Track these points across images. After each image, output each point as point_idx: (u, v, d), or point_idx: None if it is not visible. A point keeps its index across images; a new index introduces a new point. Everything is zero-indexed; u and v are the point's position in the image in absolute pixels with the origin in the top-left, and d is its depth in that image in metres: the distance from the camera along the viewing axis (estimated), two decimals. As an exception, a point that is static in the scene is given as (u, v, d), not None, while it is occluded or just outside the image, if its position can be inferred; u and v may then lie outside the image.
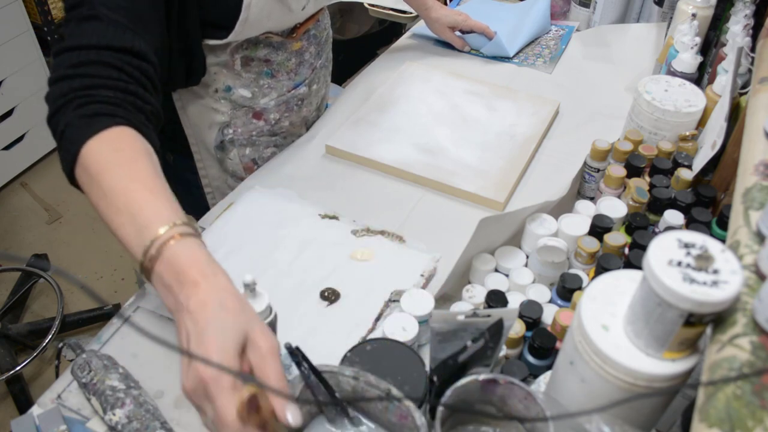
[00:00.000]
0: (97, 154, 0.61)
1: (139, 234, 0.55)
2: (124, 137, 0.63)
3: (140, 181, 0.59)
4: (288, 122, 1.07)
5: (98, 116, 0.63)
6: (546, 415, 0.49)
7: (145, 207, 0.57)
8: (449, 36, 1.30)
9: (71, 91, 0.64)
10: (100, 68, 0.65)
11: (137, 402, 0.64)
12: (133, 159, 0.61)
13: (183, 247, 0.54)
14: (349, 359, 0.60)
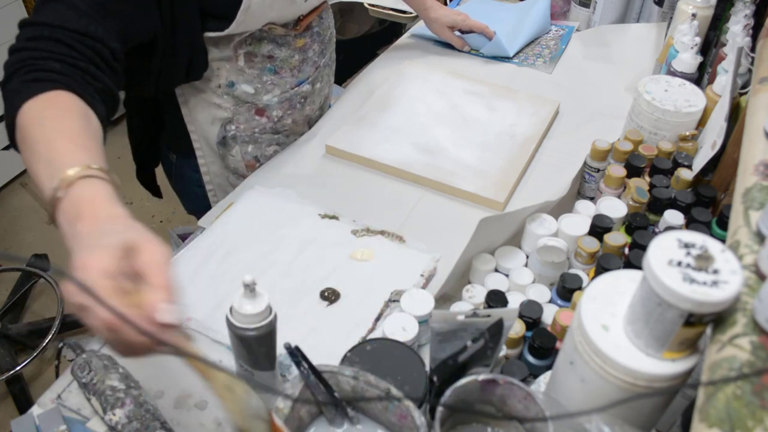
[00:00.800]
0: (30, 112, 0.62)
1: (51, 176, 0.55)
2: (60, 98, 0.64)
3: (64, 132, 0.60)
4: (291, 120, 1.07)
5: (39, 81, 0.65)
6: (545, 415, 0.49)
7: (62, 153, 0.58)
8: (448, 36, 1.30)
9: (20, 61, 0.66)
10: (51, 43, 0.68)
11: (137, 402, 0.64)
12: (62, 115, 0.62)
13: (88, 185, 0.55)
14: (349, 359, 0.60)
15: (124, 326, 0.46)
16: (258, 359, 0.60)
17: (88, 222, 0.52)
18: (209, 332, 0.76)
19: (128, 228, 0.51)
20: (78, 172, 0.55)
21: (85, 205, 0.53)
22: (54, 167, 0.56)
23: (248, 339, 0.57)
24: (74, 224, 0.53)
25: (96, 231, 0.51)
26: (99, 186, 0.55)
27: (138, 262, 0.49)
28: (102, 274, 0.47)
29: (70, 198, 0.54)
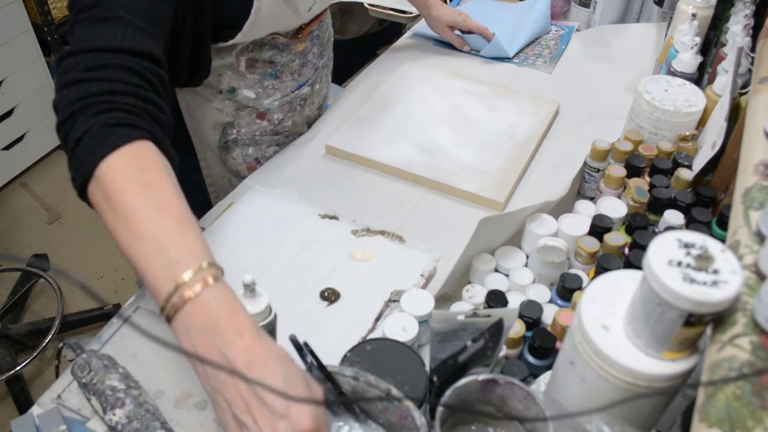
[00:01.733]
0: (119, 171, 0.56)
1: (169, 268, 0.52)
2: (148, 155, 0.58)
3: (168, 209, 0.55)
4: (291, 122, 1.07)
5: (121, 126, 0.58)
6: (546, 415, 0.49)
7: (176, 238, 0.53)
8: (448, 35, 1.30)
9: (89, 95, 0.59)
10: (121, 72, 0.60)
11: (137, 402, 0.64)
12: (160, 182, 0.57)
13: (214, 294, 0.51)
14: (349, 359, 0.60)
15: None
16: (258, 359, 0.60)
17: (239, 338, 0.49)
18: (209, 332, 0.76)
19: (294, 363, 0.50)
20: (201, 271, 0.51)
21: (224, 325, 0.50)
22: (170, 257, 0.52)
23: (248, 339, 0.57)
24: (215, 336, 0.49)
25: (267, 362, 0.48)
26: (227, 295, 0.52)
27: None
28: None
29: (202, 307, 0.50)
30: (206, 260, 0.52)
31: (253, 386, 0.47)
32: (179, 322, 0.51)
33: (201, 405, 0.69)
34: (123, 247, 0.55)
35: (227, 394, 0.49)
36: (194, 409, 0.69)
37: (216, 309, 0.50)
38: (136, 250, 0.53)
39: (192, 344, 0.50)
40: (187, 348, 0.51)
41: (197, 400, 0.70)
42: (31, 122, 2.30)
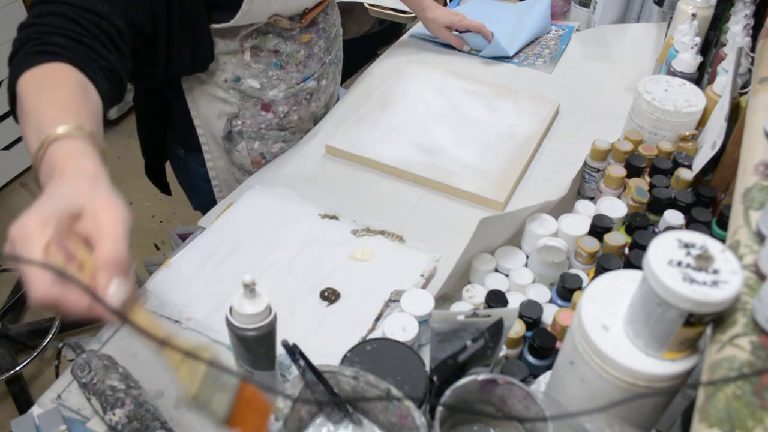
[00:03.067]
0: (28, 81, 0.62)
1: (37, 140, 0.54)
2: (59, 69, 0.64)
3: (56, 99, 0.59)
4: (296, 116, 1.07)
5: (41, 53, 0.64)
6: (545, 415, 0.49)
7: (50, 117, 0.56)
8: (446, 35, 1.31)
9: (27, 36, 0.66)
10: (57, 19, 0.68)
11: (137, 402, 0.64)
12: (57, 84, 0.62)
13: (67, 144, 0.53)
14: (349, 359, 0.60)
15: (65, 291, 0.43)
16: (258, 359, 0.60)
17: (56, 180, 0.50)
18: (209, 332, 0.76)
19: (91, 188, 0.48)
20: (61, 132, 0.53)
21: (58, 163, 0.51)
22: (40, 131, 0.55)
23: (248, 339, 0.57)
24: (46, 184, 0.50)
25: (55, 190, 0.48)
26: (77, 144, 0.53)
27: (88, 227, 0.46)
28: (39, 232, 0.44)
29: (48, 157, 0.52)
30: (66, 125, 0.54)
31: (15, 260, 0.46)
32: (39, 177, 0.53)
33: (201, 405, 0.69)
34: (25, 144, 0.59)
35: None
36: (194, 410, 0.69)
37: (57, 156, 0.52)
38: (26, 139, 0.58)
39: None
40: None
41: (197, 400, 0.70)
42: (31, 122, 2.30)
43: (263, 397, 0.52)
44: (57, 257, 0.44)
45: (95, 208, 0.46)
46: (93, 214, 0.46)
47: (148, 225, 2.21)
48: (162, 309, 0.78)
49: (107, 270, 0.45)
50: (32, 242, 0.44)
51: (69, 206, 0.46)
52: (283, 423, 0.51)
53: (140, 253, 2.11)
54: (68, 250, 0.45)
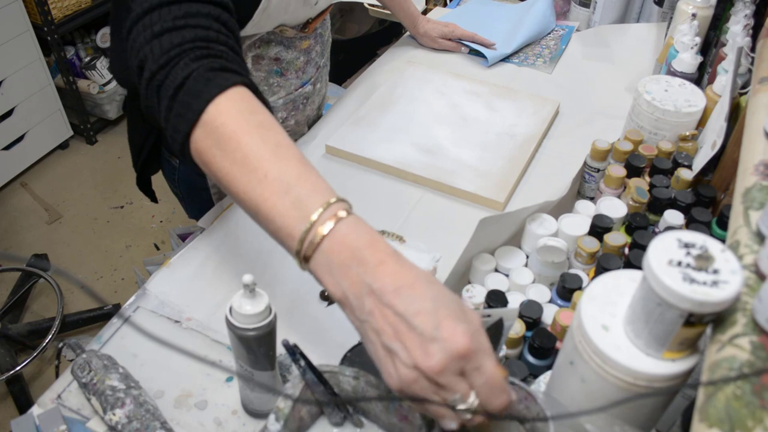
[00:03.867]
0: (232, 114, 0.53)
1: (298, 206, 0.49)
2: (254, 99, 0.56)
3: (287, 148, 0.52)
4: (294, 121, 1.07)
5: (224, 71, 0.55)
6: (546, 415, 0.49)
7: (301, 177, 0.51)
8: (441, 44, 1.32)
9: (186, 42, 0.56)
10: (210, 21, 0.58)
11: (137, 402, 0.64)
12: (273, 123, 0.54)
13: (355, 223, 0.49)
14: (349, 359, 0.60)
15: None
16: (258, 359, 0.60)
17: (381, 268, 0.46)
18: (209, 332, 0.76)
19: (455, 301, 0.46)
20: (333, 205, 0.49)
21: (367, 248, 0.47)
22: (298, 194, 0.50)
23: (248, 339, 0.57)
24: (357, 268, 0.46)
25: (414, 287, 0.45)
26: (365, 224, 0.50)
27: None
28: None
29: (342, 237, 0.48)
30: (334, 196, 0.50)
31: (401, 312, 0.44)
32: (318, 261, 0.48)
33: (201, 405, 0.69)
34: (241, 191, 0.52)
35: (375, 323, 0.45)
36: (194, 409, 0.69)
37: (355, 241, 0.47)
38: (260, 192, 0.50)
39: (335, 281, 0.47)
40: (330, 286, 0.48)
41: (197, 400, 0.70)
42: (31, 122, 2.30)
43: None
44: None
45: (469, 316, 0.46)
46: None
47: (148, 225, 2.21)
48: (162, 309, 0.79)
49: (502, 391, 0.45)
50: (491, 357, 0.45)
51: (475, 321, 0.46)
52: (283, 423, 0.51)
53: (140, 253, 2.11)
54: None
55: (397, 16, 1.32)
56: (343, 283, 0.47)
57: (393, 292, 0.45)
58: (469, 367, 0.44)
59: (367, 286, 0.46)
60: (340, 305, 0.49)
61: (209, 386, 0.71)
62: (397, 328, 0.44)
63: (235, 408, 0.69)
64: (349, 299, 0.47)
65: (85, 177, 2.41)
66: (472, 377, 0.44)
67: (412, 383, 0.44)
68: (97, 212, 2.27)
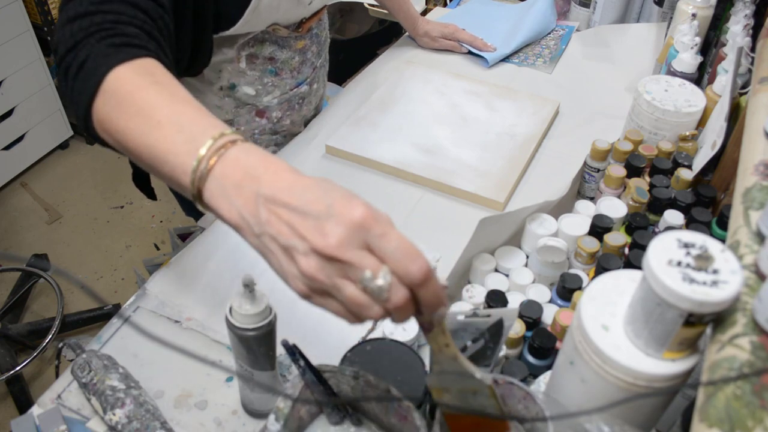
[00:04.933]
0: (128, 77, 0.53)
1: (191, 141, 0.48)
2: (158, 68, 0.56)
3: (183, 98, 0.52)
4: (289, 121, 1.07)
5: (127, 46, 0.56)
6: (545, 415, 0.49)
7: (194, 117, 0.50)
8: (441, 44, 1.32)
9: (93, 25, 0.57)
10: (126, 6, 0.59)
11: (137, 402, 0.64)
12: (171, 81, 0.54)
13: (248, 148, 0.47)
14: (349, 359, 0.60)
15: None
16: (258, 359, 0.60)
17: (275, 176, 0.44)
18: (209, 332, 0.76)
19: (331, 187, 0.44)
20: (225, 137, 0.47)
21: (258, 165, 0.45)
22: (191, 132, 0.48)
23: (248, 339, 0.57)
24: (250, 183, 0.45)
25: (307, 184, 0.43)
26: (257, 148, 0.48)
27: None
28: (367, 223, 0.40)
29: (233, 160, 0.46)
30: (227, 130, 0.49)
31: (294, 206, 0.42)
32: (212, 189, 0.47)
33: (201, 405, 0.69)
34: (139, 143, 0.51)
35: (271, 230, 0.43)
36: (194, 409, 0.69)
37: (246, 160, 0.46)
38: (155, 138, 0.50)
39: (229, 203, 0.46)
40: (225, 212, 0.46)
41: (197, 400, 0.70)
42: (31, 122, 2.30)
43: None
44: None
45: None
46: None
47: (148, 225, 2.21)
48: (162, 309, 0.79)
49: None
50: (394, 227, 0.42)
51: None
52: (283, 423, 0.51)
53: (140, 253, 2.11)
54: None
55: (397, 18, 1.32)
56: (237, 202, 0.45)
57: (286, 190, 0.43)
58: (373, 237, 0.41)
59: (261, 196, 0.44)
60: (238, 231, 0.47)
61: (209, 386, 0.71)
62: (292, 223, 0.42)
63: (235, 408, 0.69)
64: (245, 218, 0.45)
65: (85, 177, 2.41)
66: (379, 246, 0.41)
67: (317, 273, 0.42)
68: (97, 212, 2.27)
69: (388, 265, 0.41)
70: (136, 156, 0.53)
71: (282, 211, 0.43)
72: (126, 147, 0.53)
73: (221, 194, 0.46)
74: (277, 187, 0.44)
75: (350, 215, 0.40)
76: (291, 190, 0.43)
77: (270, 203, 0.44)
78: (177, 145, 0.48)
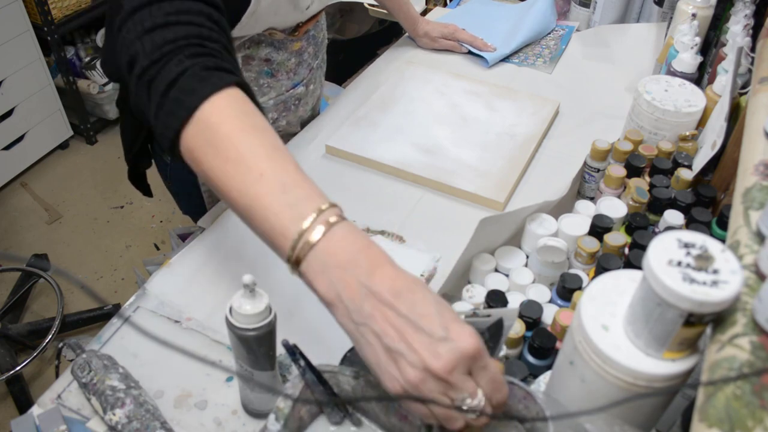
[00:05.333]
0: (226, 113, 0.53)
1: (294, 206, 0.48)
2: (247, 100, 0.55)
3: (283, 151, 0.52)
4: (285, 122, 1.07)
5: (219, 70, 0.55)
6: (546, 415, 0.49)
7: (297, 179, 0.50)
8: (441, 44, 1.32)
9: (179, 38, 0.55)
10: (203, 18, 0.58)
11: (137, 402, 0.64)
12: (267, 126, 0.54)
13: (352, 228, 0.48)
14: (349, 359, 0.60)
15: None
16: (258, 359, 0.60)
17: (381, 269, 0.46)
18: (209, 332, 0.76)
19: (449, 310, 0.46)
20: (329, 209, 0.48)
21: (361, 255, 0.47)
22: (295, 195, 0.49)
23: (248, 339, 0.57)
24: (354, 269, 0.46)
25: (412, 288, 0.45)
26: (358, 232, 0.49)
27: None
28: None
29: (341, 241, 0.47)
30: (328, 202, 0.49)
31: (404, 314, 0.44)
32: (312, 262, 0.47)
33: (201, 405, 0.69)
34: (235, 190, 0.51)
35: (375, 326, 0.45)
36: (194, 409, 0.69)
37: (351, 243, 0.47)
38: (256, 191, 0.49)
39: (329, 282, 0.47)
40: (323, 288, 0.47)
41: (197, 400, 0.70)
42: (31, 122, 2.30)
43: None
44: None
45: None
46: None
47: (148, 225, 2.21)
48: (162, 309, 0.79)
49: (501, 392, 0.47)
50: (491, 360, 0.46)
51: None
52: (283, 423, 0.51)
53: (140, 253, 2.11)
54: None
55: (397, 18, 1.32)
56: (338, 285, 0.46)
57: (394, 294, 0.45)
58: (477, 367, 0.45)
59: (366, 287, 0.45)
60: (331, 308, 0.48)
61: (209, 386, 0.71)
62: (402, 330, 0.44)
63: (235, 408, 0.69)
64: (344, 302, 0.46)
65: (85, 177, 2.41)
66: (480, 376, 0.45)
67: (419, 384, 0.44)
68: (97, 212, 2.27)
69: (482, 389, 0.45)
70: (227, 198, 0.53)
71: (390, 314, 0.45)
72: (218, 188, 0.53)
73: (321, 271, 0.47)
74: (383, 285, 0.45)
75: (466, 346, 0.44)
76: (400, 295, 0.45)
77: (376, 299, 0.45)
78: (280, 207, 0.49)
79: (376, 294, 0.45)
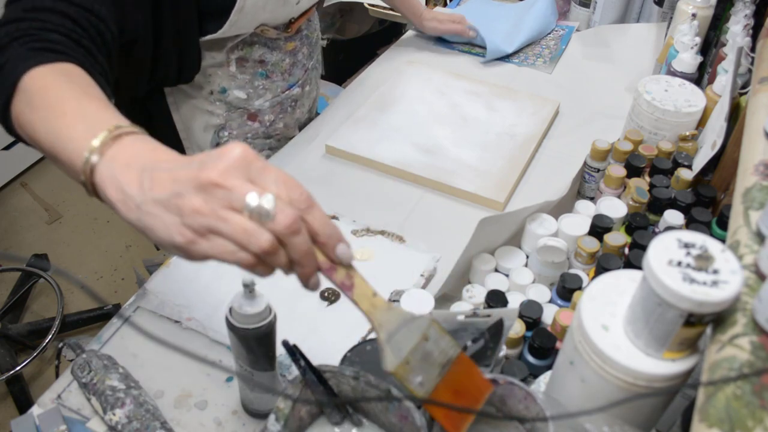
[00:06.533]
0: (43, 75, 0.54)
1: (91, 129, 0.48)
2: (76, 71, 0.57)
3: (93, 94, 0.53)
4: (282, 124, 1.07)
5: (48, 51, 0.57)
6: (546, 415, 0.49)
7: (99, 110, 0.51)
8: (449, 27, 1.30)
9: (19, 31, 0.58)
10: (54, 15, 0.61)
11: (137, 402, 0.64)
12: (85, 81, 0.55)
13: (143, 138, 0.49)
14: (349, 359, 0.60)
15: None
16: (258, 359, 0.60)
17: (171, 154, 0.46)
18: (209, 332, 0.76)
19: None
20: (126, 128, 0.48)
21: (144, 151, 0.46)
22: (92, 121, 0.49)
23: (248, 339, 0.57)
24: (145, 159, 0.45)
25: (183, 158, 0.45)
26: (149, 138, 0.49)
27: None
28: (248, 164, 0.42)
29: (127, 146, 0.47)
30: (128, 125, 0.49)
31: (172, 167, 0.43)
32: (101, 171, 0.47)
33: (201, 405, 0.69)
34: (43, 132, 0.51)
35: (152, 192, 0.43)
36: (194, 409, 0.69)
37: (141, 146, 0.47)
38: (58, 127, 0.50)
39: (116, 182, 0.46)
40: (111, 191, 0.46)
41: (197, 400, 0.70)
42: (31, 122, 2.30)
43: (475, 381, 0.50)
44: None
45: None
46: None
47: (148, 225, 2.21)
48: (162, 309, 0.79)
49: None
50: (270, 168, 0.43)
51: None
52: (283, 423, 0.51)
53: (140, 253, 2.11)
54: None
55: (400, 11, 1.32)
56: (122, 179, 0.45)
57: (170, 160, 0.45)
58: (255, 170, 0.42)
59: (142, 168, 0.44)
60: (117, 209, 0.46)
61: (209, 386, 0.71)
62: (174, 174, 0.43)
63: (235, 408, 0.69)
64: (126, 191, 0.45)
65: (85, 177, 2.41)
66: (261, 178, 0.42)
67: (201, 206, 0.41)
68: (97, 212, 2.27)
69: (271, 192, 0.42)
70: (41, 146, 0.53)
71: (163, 173, 0.43)
72: (33, 138, 0.54)
73: (109, 175, 0.46)
74: (161, 158, 0.45)
75: (231, 152, 0.42)
76: (175, 159, 0.45)
77: (153, 171, 0.44)
78: (78, 133, 0.49)
79: (152, 167, 0.44)
